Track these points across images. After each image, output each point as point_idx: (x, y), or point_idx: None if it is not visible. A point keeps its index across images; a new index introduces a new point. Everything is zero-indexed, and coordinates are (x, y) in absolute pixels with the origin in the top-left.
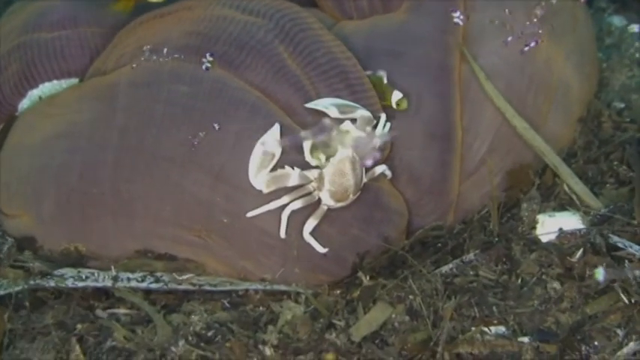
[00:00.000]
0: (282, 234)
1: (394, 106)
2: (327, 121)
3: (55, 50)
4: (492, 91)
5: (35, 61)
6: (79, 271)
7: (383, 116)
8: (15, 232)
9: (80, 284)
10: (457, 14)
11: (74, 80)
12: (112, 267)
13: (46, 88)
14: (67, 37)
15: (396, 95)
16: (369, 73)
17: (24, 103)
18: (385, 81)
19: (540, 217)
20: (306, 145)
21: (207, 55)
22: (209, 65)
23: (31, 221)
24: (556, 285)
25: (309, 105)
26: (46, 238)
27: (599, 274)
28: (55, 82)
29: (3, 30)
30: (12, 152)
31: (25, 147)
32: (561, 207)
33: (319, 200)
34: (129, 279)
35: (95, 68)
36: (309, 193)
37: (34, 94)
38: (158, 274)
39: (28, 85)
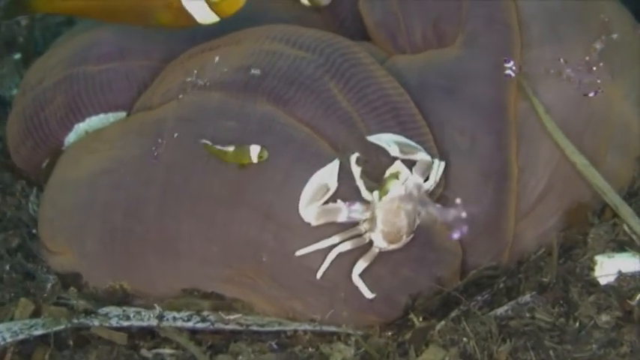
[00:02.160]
0: (319, 274)
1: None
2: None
3: (102, 83)
4: (551, 126)
5: (82, 94)
6: (123, 310)
7: (437, 159)
8: (59, 268)
9: (125, 323)
10: (510, 64)
11: (121, 114)
12: (156, 305)
13: (92, 122)
14: (114, 70)
15: (254, 150)
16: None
17: (70, 137)
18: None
19: (599, 259)
20: (361, 182)
21: (253, 68)
22: (258, 73)
23: (75, 258)
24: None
25: (371, 139)
26: (90, 275)
27: None
28: (101, 115)
29: (50, 62)
30: (56, 188)
31: (70, 182)
32: (621, 248)
33: (371, 242)
34: (175, 318)
35: (142, 102)
36: (360, 235)
37: (81, 127)
38: (205, 313)
39: (75, 118)
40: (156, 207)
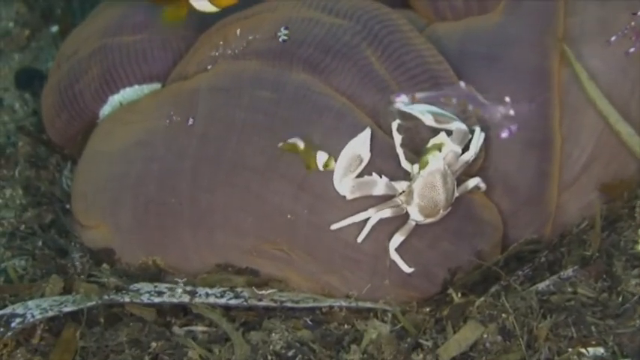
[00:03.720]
0: (360, 239)
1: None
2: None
3: (137, 53)
4: (595, 92)
5: (116, 64)
6: (155, 286)
7: (477, 128)
8: (92, 244)
9: (156, 300)
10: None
11: (156, 85)
12: (179, 280)
13: (127, 94)
14: (149, 40)
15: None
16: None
17: (105, 110)
18: None
19: None
20: (401, 151)
21: (283, 28)
22: (285, 38)
23: (109, 233)
24: None
25: (404, 109)
26: (123, 250)
27: None
28: (136, 86)
29: (85, 32)
30: (90, 161)
31: (103, 155)
32: None
33: (407, 215)
34: (207, 294)
35: (177, 73)
36: (397, 206)
37: (115, 99)
38: (238, 289)
39: (109, 90)
40: (189, 179)
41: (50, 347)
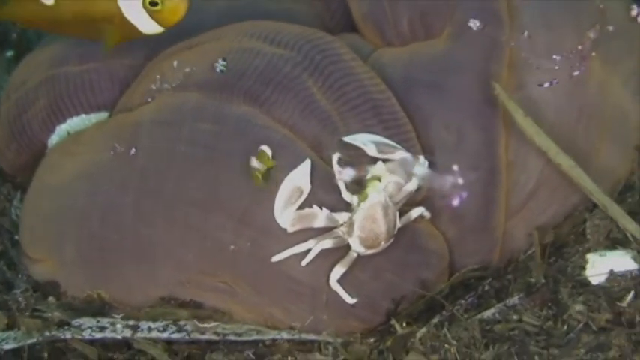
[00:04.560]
0: (303, 264)
1: None
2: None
3: (84, 83)
4: (532, 129)
5: (63, 94)
6: (97, 321)
7: (421, 158)
8: (39, 276)
9: (98, 335)
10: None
11: (104, 114)
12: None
13: (74, 123)
14: (95, 69)
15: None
16: None
17: (53, 140)
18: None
19: (590, 257)
20: (342, 183)
21: (221, 60)
22: (223, 69)
23: (54, 266)
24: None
25: (347, 139)
26: (69, 283)
27: None
28: (83, 116)
29: (33, 63)
30: (36, 193)
31: (49, 187)
32: (613, 246)
33: (349, 246)
34: (150, 329)
35: (122, 103)
36: (339, 237)
37: (63, 129)
38: (181, 322)
39: (56, 120)
40: (132, 213)
41: None
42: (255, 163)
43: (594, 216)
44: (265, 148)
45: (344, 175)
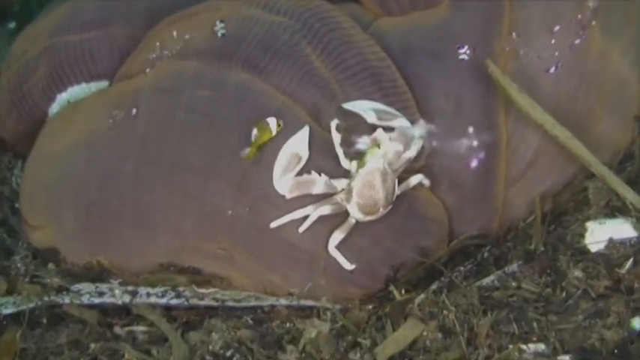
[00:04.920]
0: (302, 229)
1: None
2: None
3: (84, 52)
4: (528, 102)
5: (63, 63)
6: (96, 287)
7: (421, 123)
8: (39, 243)
9: (97, 300)
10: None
11: (104, 83)
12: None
13: (74, 92)
14: (96, 38)
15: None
16: None
17: (53, 108)
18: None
19: (590, 225)
20: (340, 149)
21: (219, 22)
22: (223, 32)
23: (54, 233)
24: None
25: (346, 106)
26: (68, 250)
27: None
28: (84, 85)
29: (34, 32)
30: (36, 160)
31: (48, 155)
32: (613, 214)
33: (347, 213)
34: (148, 294)
35: (122, 72)
36: (337, 203)
37: (63, 98)
38: (180, 288)
39: (57, 88)
40: (130, 180)
41: None
42: (254, 132)
43: (597, 179)
44: (271, 120)
45: (342, 141)
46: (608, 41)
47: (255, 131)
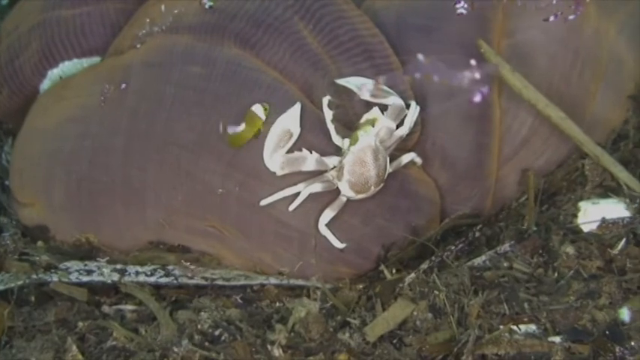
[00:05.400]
0: (292, 207)
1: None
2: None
3: (76, 27)
4: (520, 82)
5: (55, 38)
6: (85, 265)
7: (413, 103)
8: (28, 221)
9: (85, 279)
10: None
11: (96, 59)
12: (102, 261)
13: (66, 67)
14: (88, 13)
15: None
16: None
17: (45, 84)
18: None
19: (582, 205)
20: (332, 126)
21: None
22: (211, 4)
23: (43, 210)
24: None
25: (340, 82)
26: (57, 228)
27: None
28: (75, 60)
29: (26, 7)
30: (26, 136)
31: (39, 131)
32: (606, 194)
33: (338, 191)
34: (137, 273)
35: (113, 47)
36: (328, 181)
37: (55, 73)
38: (170, 267)
39: (49, 64)
40: (121, 156)
41: None
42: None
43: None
44: (256, 107)
45: (334, 118)
46: (604, 19)
47: (243, 125)
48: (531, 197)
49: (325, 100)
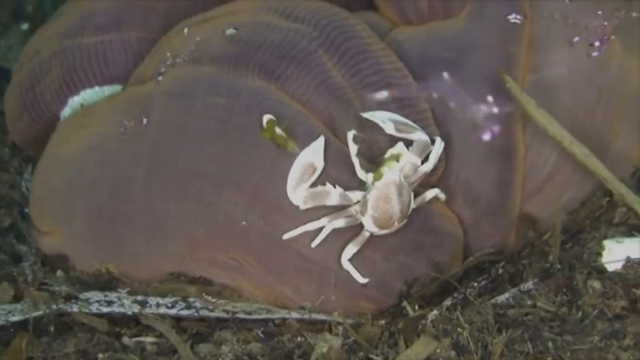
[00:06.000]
0: (315, 244)
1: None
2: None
3: (98, 55)
4: (545, 118)
5: (77, 66)
6: (105, 295)
7: (438, 139)
8: (48, 249)
9: (105, 309)
10: (513, 16)
11: (117, 87)
12: (123, 292)
13: (87, 95)
14: (110, 41)
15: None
16: None
17: (66, 112)
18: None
19: (607, 243)
20: (356, 160)
21: (232, 28)
22: (232, 34)
23: (63, 239)
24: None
25: (365, 115)
26: (77, 257)
27: None
28: (97, 88)
29: (47, 33)
30: (47, 164)
31: (59, 159)
32: (630, 232)
33: (361, 226)
34: (158, 304)
35: (135, 76)
36: (351, 216)
37: (76, 101)
38: (190, 299)
39: (69, 91)
40: (142, 186)
41: None
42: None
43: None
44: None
45: (359, 152)
46: (629, 56)
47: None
48: (557, 232)
49: (350, 134)
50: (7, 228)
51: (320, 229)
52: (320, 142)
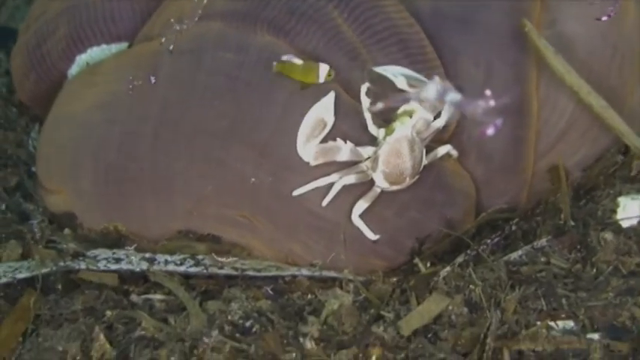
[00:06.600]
0: (325, 202)
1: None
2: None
3: (105, 13)
4: (563, 67)
5: (83, 24)
6: (113, 253)
7: (451, 94)
8: (55, 208)
9: (113, 267)
10: None
11: (124, 45)
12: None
13: (94, 53)
14: None
15: (323, 69)
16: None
17: (73, 70)
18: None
19: (622, 200)
20: (368, 115)
21: None
22: None
23: (70, 197)
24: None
25: (377, 70)
26: (85, 215)
27: None
28: (104, 46)
29: None
30: (54, 123)
31: (66, 117)
32: None
33: (372, 182)
34: (166, 262)
35: (143, 34)
36: (362, 172)
37: (83, 59)
38: (199, 256)
39: (77, 49)
40: (150, 143)
41: (4, 315)
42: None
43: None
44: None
45: (372, 106)
46: None
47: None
48: (564, 191)
49: (364, 87)
50: (14, 187)
51: (330, 186)
52: (330, 96)
